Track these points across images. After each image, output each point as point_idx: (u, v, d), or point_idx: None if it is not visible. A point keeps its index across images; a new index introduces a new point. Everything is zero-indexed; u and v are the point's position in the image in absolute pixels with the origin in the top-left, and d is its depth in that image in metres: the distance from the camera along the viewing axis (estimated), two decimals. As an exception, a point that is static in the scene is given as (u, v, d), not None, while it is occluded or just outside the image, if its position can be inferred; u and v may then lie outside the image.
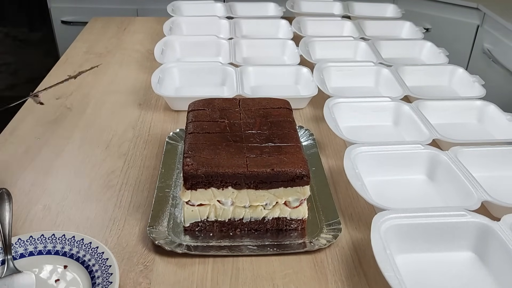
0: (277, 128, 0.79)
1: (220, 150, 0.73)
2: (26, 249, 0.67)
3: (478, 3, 1.87)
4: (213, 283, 0.65)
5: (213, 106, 0.84)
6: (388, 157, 0.86)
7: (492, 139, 0.99)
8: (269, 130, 0.78)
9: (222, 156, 0.72)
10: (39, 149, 0.92)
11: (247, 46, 1.35)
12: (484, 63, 1.86)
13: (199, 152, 0.72)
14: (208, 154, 0.72)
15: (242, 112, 0.83)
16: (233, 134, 0.77)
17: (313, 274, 0.67)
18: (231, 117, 0.82)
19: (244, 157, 0.71)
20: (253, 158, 0.71)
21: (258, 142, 0.75)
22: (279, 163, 0.70)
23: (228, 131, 0.78)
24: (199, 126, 0.79)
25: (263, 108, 0.85)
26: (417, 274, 0.67)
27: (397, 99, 1.04)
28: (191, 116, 0.82)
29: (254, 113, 0.83)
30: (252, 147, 0.74)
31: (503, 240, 0.66)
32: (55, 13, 2.22)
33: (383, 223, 0.68)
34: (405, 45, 1.41)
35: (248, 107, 0.85)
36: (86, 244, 0.67)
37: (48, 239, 0.68)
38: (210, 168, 0.69)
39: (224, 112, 0.83)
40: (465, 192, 0.77)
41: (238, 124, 0.80)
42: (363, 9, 1.67)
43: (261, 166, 0.70)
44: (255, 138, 0.76)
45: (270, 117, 0.82)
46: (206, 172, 0.69)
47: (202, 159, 0.70)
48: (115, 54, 1.38)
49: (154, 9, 2.09)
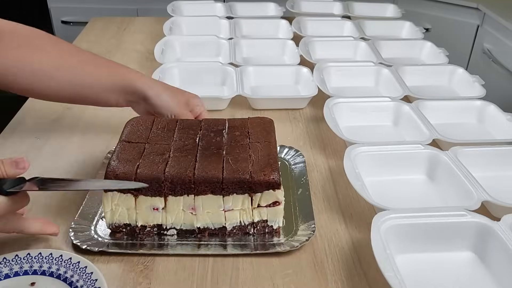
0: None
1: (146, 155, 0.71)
2: None
3: (478, 3, 1.87)
4: (213, 283, 0.65)
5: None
6: (388, 157, 0.86)
7: (492, 139, 0.99)
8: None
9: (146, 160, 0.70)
10: (39, 149, 0.92)
11: (247, 46, 1.35)
12: (484, 63, 1.86)
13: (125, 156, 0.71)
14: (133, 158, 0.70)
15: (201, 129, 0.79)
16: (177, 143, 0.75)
17: (313, 274, 0.67)
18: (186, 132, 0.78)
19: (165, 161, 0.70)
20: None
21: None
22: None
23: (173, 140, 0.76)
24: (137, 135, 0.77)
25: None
26: (417, 274, 0.67)
27: (397, 99, 1.04)
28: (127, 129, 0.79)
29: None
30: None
31: (503, 240, 0.66)
32: (55, 13, 2.22)
33: (383, 223, 0.68)
34: (405, 45, 1.41)
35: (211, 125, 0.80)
36: (57, 258, 0.65)
37: (13, 260, 0.65)
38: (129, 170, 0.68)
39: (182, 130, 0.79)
40: (465, 192, 0.77)
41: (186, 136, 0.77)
42: (363, 9, 1.66)
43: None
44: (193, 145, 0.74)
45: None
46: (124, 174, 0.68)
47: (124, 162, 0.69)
48: (115, 54, 1.38)
49: (154, 9, 2.09)
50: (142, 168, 0.69)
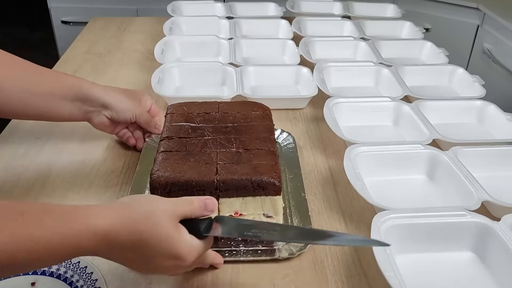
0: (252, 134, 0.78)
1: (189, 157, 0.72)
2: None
3: (478, 3, 1.87)
4: (213, 283, 0.65)
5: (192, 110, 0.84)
6: (388, 157, 0.86)
7: (492, 139, 0.99)
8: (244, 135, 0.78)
9: (191, 164, 0.70)
10: (39, 149, 0.92)
11: (247, 46, 1.35)
12: (484, 63, 1.86)
13: (167, 162, 0.71)
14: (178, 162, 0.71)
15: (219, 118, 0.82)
16: (203, 142, 0.76)
17: (313, 274, 0.67)
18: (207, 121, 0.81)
19: (215, 165, 0.70)
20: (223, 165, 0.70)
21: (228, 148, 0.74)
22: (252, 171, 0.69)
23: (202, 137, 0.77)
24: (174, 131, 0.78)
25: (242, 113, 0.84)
26: (417, 274, 0.67)
27: (397, 99, 1.04)
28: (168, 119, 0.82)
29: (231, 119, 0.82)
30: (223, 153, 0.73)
31: (503, 240, 0.66)
32: (55, 13, 2.22)
33: (383, 223, 0.68)
34: (405, 45, 1.41)
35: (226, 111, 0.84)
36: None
37: None
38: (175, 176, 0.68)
39: (201, 117, 0.82)
40: (465, 192, 0.77)
41: (214, 128, 0.79)
42: (363, 9, 1.66)
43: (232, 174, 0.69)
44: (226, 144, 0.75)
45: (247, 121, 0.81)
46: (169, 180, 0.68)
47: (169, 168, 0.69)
48: (115, 54, 1.38)
49: (154, 9, 2.09)
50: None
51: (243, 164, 0.70)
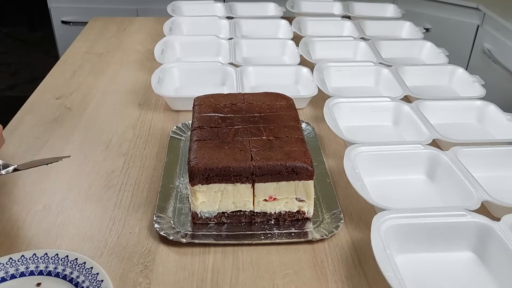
0: (280, 122, 0.81)
1: (224, 145, 0.75)
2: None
3: (478, 3, 1.87)
4: (213, 283, 0.65)
5: (219, 102, 0.87)
6: (388, 157, 0.86)
7: (492, 139, 0.99)
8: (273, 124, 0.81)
9: (226, 151, 0.73)
10: (39, 149, 0.92)
11: (247, 46, 1.35)
12: (484, 63, 1.86)
13: (204, 149, 0.74)
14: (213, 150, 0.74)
15: (245, 108, 0.85)
16: (235, 131, 0.78)
17: (313, 274, 0.67)
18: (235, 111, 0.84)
19: (249, 152, 0.73)
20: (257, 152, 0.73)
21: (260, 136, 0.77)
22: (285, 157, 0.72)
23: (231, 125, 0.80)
24: (204, 122, 0.81)
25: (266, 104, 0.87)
26: (417, 274, 0.67)
27: (397, 99, 1.04)
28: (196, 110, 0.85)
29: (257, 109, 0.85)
30: (255, 141, 0.76)
31: (503, 240, 0.66)
32: (55, 13, 2.22)
33: (383, 223, 0.68)
34: (405, 45, 1.41)
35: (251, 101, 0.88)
36: (63, 258, 0.65)
37: (18, 261, 0.65)
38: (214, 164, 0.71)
39: (228, 108, 0.85)
40: (465, 192, 0.77)
41: (241, 118, 0.82)
42: (363, 9, 1.67)
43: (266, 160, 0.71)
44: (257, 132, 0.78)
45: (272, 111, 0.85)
46: (210, 167, 0.71)
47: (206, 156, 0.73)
48: (115, 54, 1.38)
49: (154, 9, 2.09)
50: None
51: (276, 151, 0.73)
